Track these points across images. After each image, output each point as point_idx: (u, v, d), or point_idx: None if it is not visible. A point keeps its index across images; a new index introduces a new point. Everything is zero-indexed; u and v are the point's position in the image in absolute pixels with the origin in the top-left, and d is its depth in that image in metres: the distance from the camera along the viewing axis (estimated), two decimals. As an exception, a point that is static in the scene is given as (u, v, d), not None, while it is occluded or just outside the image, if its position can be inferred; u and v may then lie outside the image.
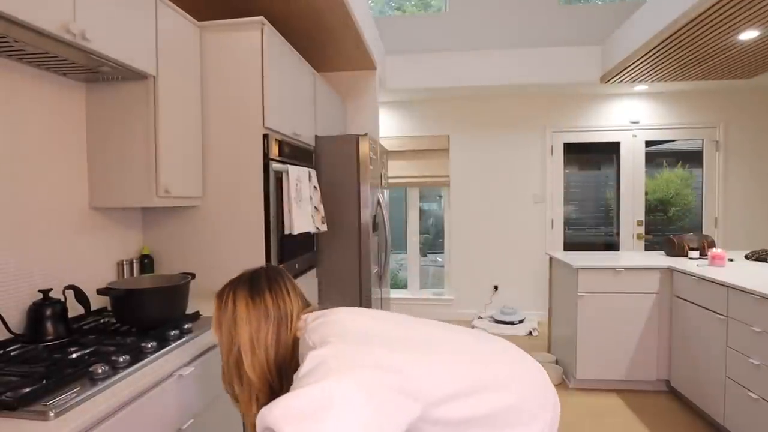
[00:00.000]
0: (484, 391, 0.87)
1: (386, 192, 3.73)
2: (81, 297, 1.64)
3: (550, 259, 3.72)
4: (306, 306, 1.07)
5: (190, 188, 2.05)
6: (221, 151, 2.16)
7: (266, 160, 2.15)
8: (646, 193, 4.96)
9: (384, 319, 1.01)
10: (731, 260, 3.12)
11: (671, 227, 5.06)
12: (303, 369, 0.81)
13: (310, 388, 0.74)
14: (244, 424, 0.99)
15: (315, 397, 0.72)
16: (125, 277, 2.04)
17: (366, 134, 2.94)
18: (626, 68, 3.93)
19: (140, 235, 2.21)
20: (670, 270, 3.05)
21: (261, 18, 2.12)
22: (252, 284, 1.03)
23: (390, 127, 5.11)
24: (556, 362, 3.54)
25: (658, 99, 4.87)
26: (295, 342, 1.00)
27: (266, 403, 0.84)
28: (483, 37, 4.70)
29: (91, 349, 1.40)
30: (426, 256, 5.74)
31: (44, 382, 1.12)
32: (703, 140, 4.86)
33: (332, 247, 2.92)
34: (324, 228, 2.65)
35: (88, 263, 1.87)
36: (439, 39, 4.73)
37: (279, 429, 0.70)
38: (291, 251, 2.42)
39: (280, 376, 0.97)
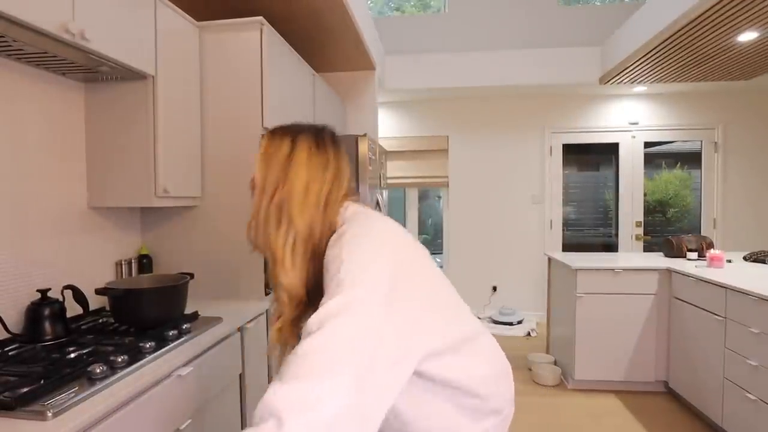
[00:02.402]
0: (475, 355, 0.89)
1: (385, 192, 3.73)
2: (79, 297, 1.63)
3: (549, 259, 3.72)
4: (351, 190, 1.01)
5: (189, 188, 2.05)
6: (220, 151, 2.16)
7: (265, 160, 2.14)
8: (645, 194, 4.97)
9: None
10: (730, 261, 3.12)
11: (670, 228, 5.07)
12: (337, 270, 0.77)
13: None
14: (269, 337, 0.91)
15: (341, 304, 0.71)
16: (124, 277, 2.04)
17: (365, 134, 2.94)
18: (625, 69, 3.94)
19: (139, 235, 2.20)
20: (669, 271, 3.05)
21: (260, 18, 2.12)
22: (317, 133, 0.98)
23: (389, 127, 5.11)
24: (555, 363, 3.54)
25: (657, 100, 4.88)
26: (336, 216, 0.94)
27: (304, 253, 0.89)
28: (482, 38, 4.70)
29: (90, 349, 1.40)
30: (425, 256, 5.74)
31: (42, 382, 1.12)
32: (702, 141, 4.87)
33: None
34: (323, 228, 2.65)
35: (86, 263, 1.87)
36: (438, 39, 4.73)
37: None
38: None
39: (323, 232, 0.91)
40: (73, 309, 1.64)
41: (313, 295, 0.91)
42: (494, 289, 5.03)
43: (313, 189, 0.92)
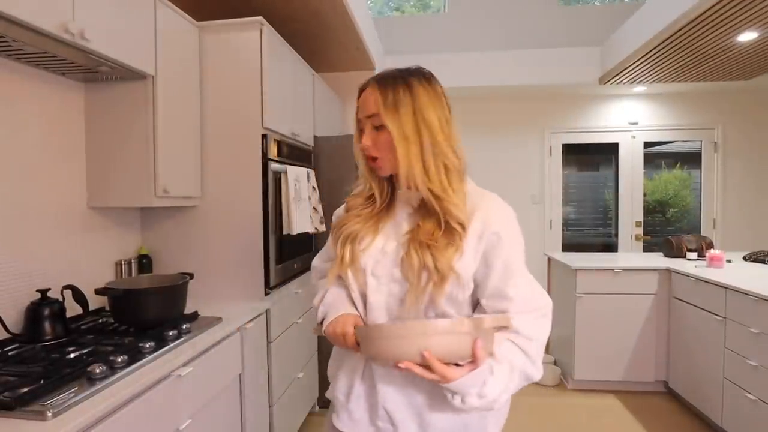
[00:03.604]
0: None
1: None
2: (79, 297, 1.63)
3: (549, 259, 3.72)
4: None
5: (189, 188, 2.05)
6: (220, 151, 2.16)
7: (265, 160, 2.15)
8: (645, 194, 4.97)
9: None
10: (729, 261, 3.12)
11: (670, 228, 5.07)
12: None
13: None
14: None
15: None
16: (123, 277, 2.04)
17: (365, 135, 2.94)
18: (625, 69, 3.94)
19: (138, 235, 2.20)
20: (669, 271, 3.05)
21: (260, 18, 2.12)
22: (423, 75, 0.98)
23: (389, 127, 5.10)
24: (555, 363, 3.54)
25: (656, 100, 4.87)
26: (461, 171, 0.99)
27: (459, 183, 0.97)
28: (482, 38, 4.70)
29: (89, 349, 1.40)
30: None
31: (42, 382, 1.12)
32: (701, 141, 4.87)
33: (331, 247, 2.92)
34: (323, 228, 2.65)
35: (86, 263, 1.87)
36: (437, 40, 4.73)
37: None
38: (290, 252, 2.42)
39: (461, 159, 0.99)
40: (73, 309, 1.64)
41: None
42: (494, 289, 5.02)
43: (444, 123, 0.96)
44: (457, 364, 0.82)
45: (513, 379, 0.87)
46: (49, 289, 1.57)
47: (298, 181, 2.38)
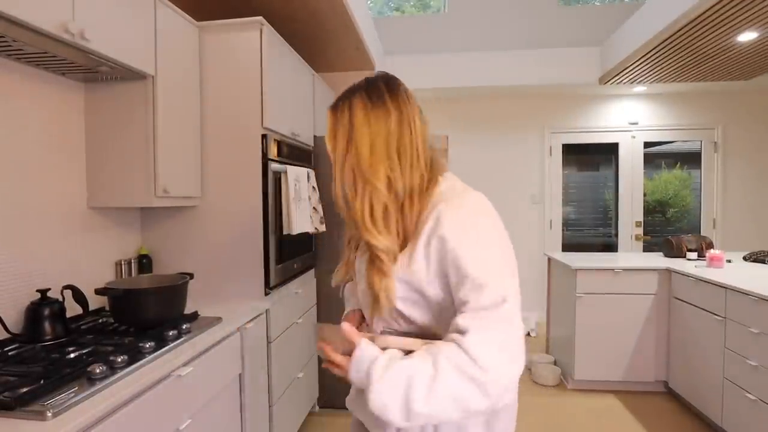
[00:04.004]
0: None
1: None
2: (79, 297, 1.64)
3: (549, 259, 3.72)
4: (432, 150, 0.99)
5: (189, 188, 2.05)
6: (220, 151, 2.16)
7: (265, 160, 2.15)
8: (645, 194, 4.97)
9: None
10: (729, 261, 3.12)
11: (670, 228, 5.07)
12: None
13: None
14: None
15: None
16: (123, 277, 2.04)
17: (365, 135, 2.94)
18: (625, 69, 3.94)
19: (138, 235, 2.20)
20: (669, 271, 3.05)
21: (260, 18, 2.12)
22: (369, 87, 0.96)
23: (389, 127, 5.10)
24: (555, 363, 3.54)
25: (656, 100, 4.88)
26: (428, 174, 0.94)
27: (385, 212, 0.89)
28: (482, 38, 4.70)
29: (89, 349, 1.40)
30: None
31: (42, 382, 1.12)
32: (701, 141, 4.87)
33: (331, 247, 2.92)
34: (323, 228, 2.65)
35: (86, 263, 1.87)
36: (438, 40, 4.73)
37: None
38: (290, 252, 2.42)
39: (406, 186, 0.90)
40: (72, 309, 1.64)
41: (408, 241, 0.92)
42: (494, 289, 5.02)
43: (379, 143, 0.90)
44: None
45: (415, 391, 0.77)
46: (49, 289, 1.57)
47: (298, 181, 2.38)
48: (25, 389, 1.07)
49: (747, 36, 3.10)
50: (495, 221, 0.91)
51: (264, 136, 2.14)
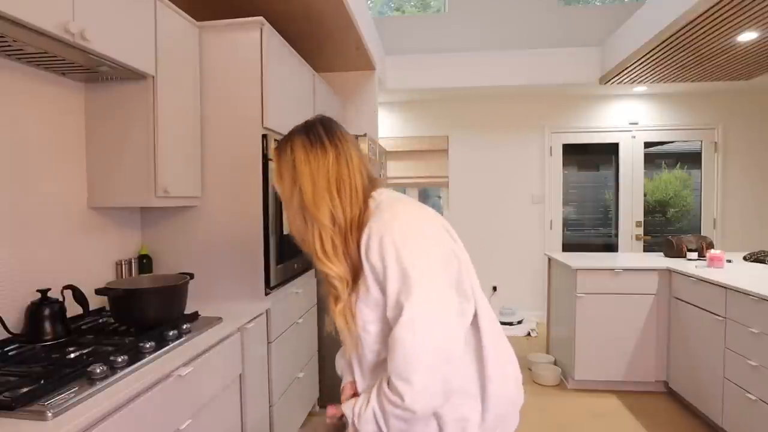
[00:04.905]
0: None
1: (385, 192, 3.72)
2: (79, 297, 1.63)
3: (549, 259, 3.72)
4: (372, 178, 1.06)
5: (189, 188, 2.05)
6: (220, 151, 2.16)
7: (265, 160, 2.15)
8: (645, 195, 4.97)
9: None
10: (729, 261, 3.12)
11: (670, 228, 5.07)
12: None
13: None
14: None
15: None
16: (124, 277, 2.04)
17: (365, 134, 2.94)
18: (625, 69, 3.94)
19: (139, 235, 2.20)
20: (669, 271, 3.05)
21: (260, 18, 2.12)
22: (308, 129, 1.03)
23: (389, 127, 5.11)
24: (555, 363, 3.54)
25: (657, 100, 4.88)
26: (365, 199, 1.00)
27: (334, 244, 0.96)
28: (482, 38, 4.70)
29: (90, 349, 1.40)
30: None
31: (42, 382, 1.12)
32: (701, 141, 4.87)
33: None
34: (323, 228, 2.65)
35: (86, 263, 1.87)
36: (438, 40, 4.73)
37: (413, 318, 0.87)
38: (290, 252, 2.42)
39: (347, 217, 0.97)
40: (73, 309, 1.64)
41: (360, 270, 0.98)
42: (494, 289, 5.03)
43: (319, 180, 0.98)
44: None
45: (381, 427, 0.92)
46: (50, 289, 1.57)
47: (299, 181, 2.38)
48: (25, 389, 1.07)
49: (747, 36, 3.10)
50: (419, 232, 0.94)
51: (264, 136, 2.14)
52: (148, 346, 1.38)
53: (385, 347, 0.96)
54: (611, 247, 5.05)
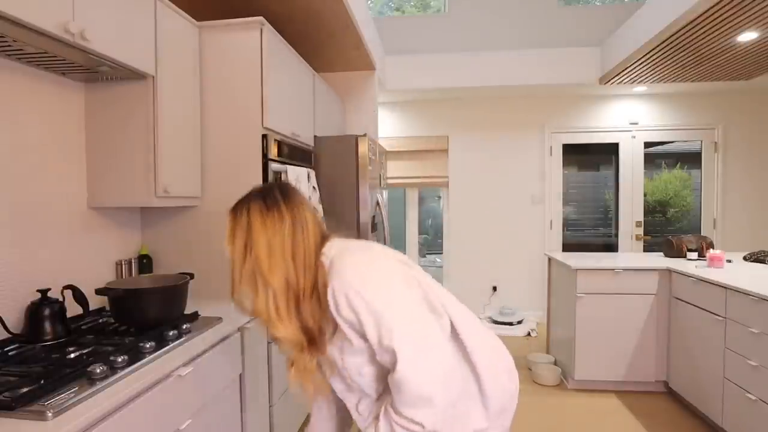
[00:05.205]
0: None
1: (385, 192, 3.73)
2: (79, 297, 1.63)
3: (549, 259, 3.72)
4: (324, 235, 1.07)
5: (189, 188, 2.05)
6: (220, 151, 2.16)
7: (265, 160, 2.15)
8: (645, 194, 4.97)
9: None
10: (729, 261, 3.12)
11: (670, 228, 5.07)
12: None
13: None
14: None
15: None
16: (124, 277, 2.04)
17: (365, 134, 2.94)
18: (625, 69, 3.94)
19: (139, 235, 2.20)
20: (669, 271, 3.05)
21: (260, 18, 2.12)
22: (265, 195, 1.04)
23: (389, 127, 5.11)
24: (555, 363, 3.54)
25: (657, 100, 4.88)
26: (318, 258, 1.01)
27: (287, 307, 0.97)
28: (482, 38, 4.70)
29: (90, 349, 1.40)
30: (425, 256, 5.76)
31: (42, 382, 1.12)
32: (701, 141, 4.87)
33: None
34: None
35: (86, 263, 1.87)
36: (438, 40, 4.73)
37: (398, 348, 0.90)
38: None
39: (300, 281, 0.99)
40: (73, 309, 1.64)
41: (314, 332, 1.00)
42: (494, 289, 5.03)
43: (276, 246, 0.98)
44: None
45: None
46: (50, 289, 1.57)
47: (299, 181, 2.38)
48: (25, 389, 1.07)
49: (747, 36, 3.10)
50: (375, 272, 0.97)
51: (264, 136, 2.14)
52: (148, 346, 1.38)
53: (382, 383, 1.01)
54: (611, 247, 5.05)
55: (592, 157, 5.16)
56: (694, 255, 3.25)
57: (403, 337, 0.90)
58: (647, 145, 4.94)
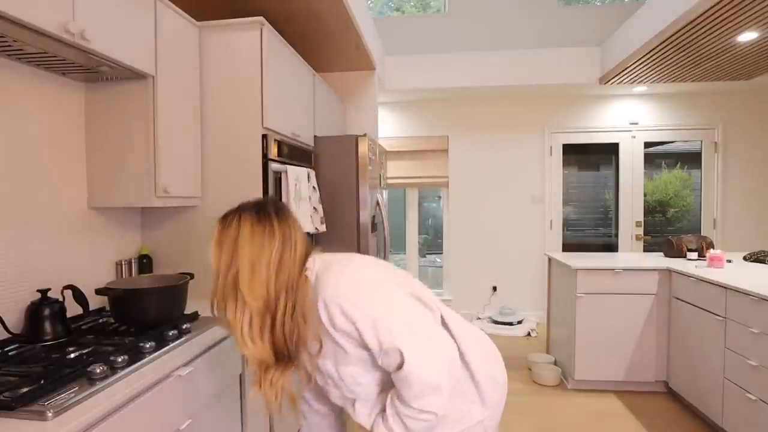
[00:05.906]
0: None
1: (385, 192, 3.73)
2: (79, 297, 1.63)
3: (549, 259, 3.72)
4: (309, 249, 1.07)
5: (189, 188, 2.05)
6: (220, 151, 2.16)
7: (265, 160, 2.15)
8: (645, 194, 4.97)
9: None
10: (729, 261, 3.12)
11: (670, 228, 5.07)
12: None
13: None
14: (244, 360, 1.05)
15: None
16: (124, 277, 2.04)
17: (365, 134, 2.94)
18: (625, 69, 3.94)
19: (139, 235, 2.20)
20: (669, 271, 3.05)
21: (260, 18, 2.12)
22: (259, 208, 1.03)
23: (389, 127, 5.11)
24: (555, 363, 3.54)
25: (657, 100, 4.88)
26: (301, 275, 1.00)
27: (261, 327, 0.95)
28: (482, 38, 4.70)
29: (90, 349, 1.40)
30: (425, 256, 5.76)
31: (42, 382, 1.12)
32: (701, 141, 4.87)
33: (331, 247, 2.90)
34: (323, 228, 2.65)
35: (86, 263, 1.87)
36: (438, 40, 4.73)
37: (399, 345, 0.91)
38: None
39: (280, 300, 0.97)
40: (73, 309, 1.64)
41: (286, 352, 0.99)
42: (494, 289, 5.03)
43: (260, 264, 0.96)
44: None
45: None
46: (50, 289, 1.57)
47: (299, 181, 2.38)
48: (25, 389, 1.07)
49: (747, 36, 3.10)
50: (362, 278, 0.98)
51: (264, 136, 2.14)
52: (148, 346, 1.38)
53: (381, 386, 1.02)
54: (611, 247, 5.05)
55: (592, 157, 5.16)
56: (694, 255, 3.25)
57: (404, 334, 0.91)
58: (647, 145, 4.94)
